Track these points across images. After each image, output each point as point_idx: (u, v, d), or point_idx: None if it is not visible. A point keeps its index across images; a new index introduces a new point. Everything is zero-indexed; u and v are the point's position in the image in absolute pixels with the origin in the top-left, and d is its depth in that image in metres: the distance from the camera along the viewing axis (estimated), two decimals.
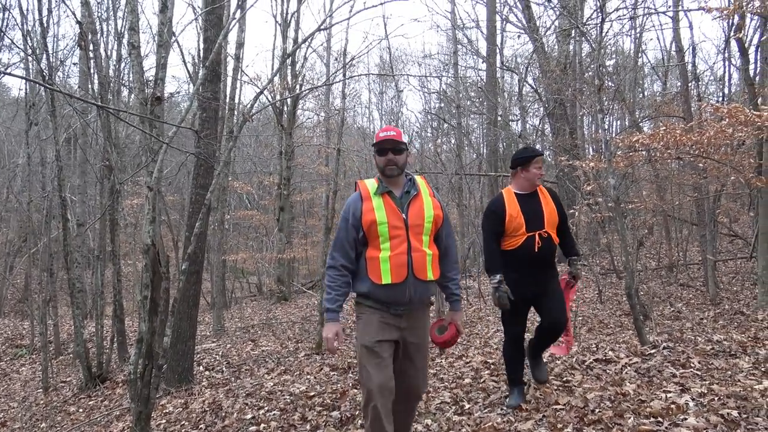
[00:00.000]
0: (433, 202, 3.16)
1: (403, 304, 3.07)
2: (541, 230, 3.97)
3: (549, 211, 4.04)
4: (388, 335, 3.06)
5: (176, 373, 7.11)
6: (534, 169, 4.04)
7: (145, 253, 4.39)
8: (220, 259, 14.87)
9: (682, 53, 12.49)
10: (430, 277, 3.09)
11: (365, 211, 3.07)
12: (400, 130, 3.21)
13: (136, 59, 5.09)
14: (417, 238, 3.04)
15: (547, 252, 4.01)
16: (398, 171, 3.12)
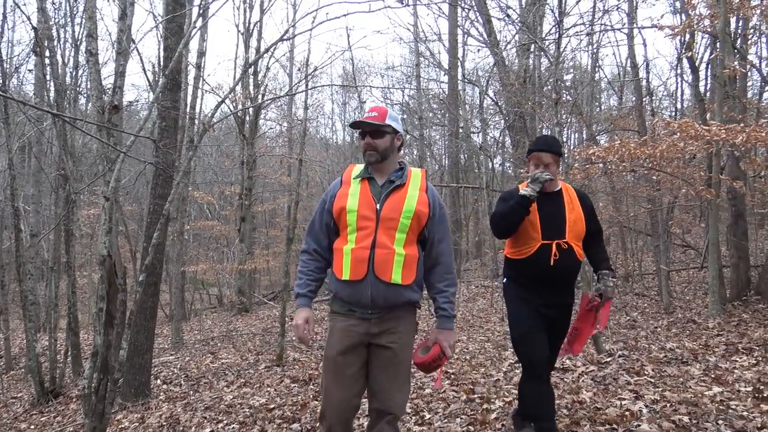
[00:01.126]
0: (420, 197, 2.74)
1: (367, 307, 2.69)
2: (561, 239, 3.24)
3: (573, 218, 3.30)
4: (354, 345, 2.72)
5: (133, 387, 6.96)
6: (532, 166, 3.36)
7: (101, 265, 4.31)
8: (180, 271, 14.63)
9: (636, 69, 12.87)
10: (396, 279, 2.64)
11: (339, 195, 2.79)
12: (387, 109, 2.84)
13: (93, 67, 5.01)
14: (387, 233, 2.65)
15: (565, 269, 3.26)
16: (378, 156, 2.77)
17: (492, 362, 6.37)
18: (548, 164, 3.26)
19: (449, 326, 2.80)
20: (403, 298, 2.71)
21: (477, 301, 12.93)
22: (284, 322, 8.66)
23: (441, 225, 2.80)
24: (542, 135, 4.06)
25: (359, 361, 2.73)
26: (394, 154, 2.83)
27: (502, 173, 22.31)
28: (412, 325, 2.83)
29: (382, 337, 2.72)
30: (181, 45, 5.39)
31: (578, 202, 3.38)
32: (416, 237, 2.73)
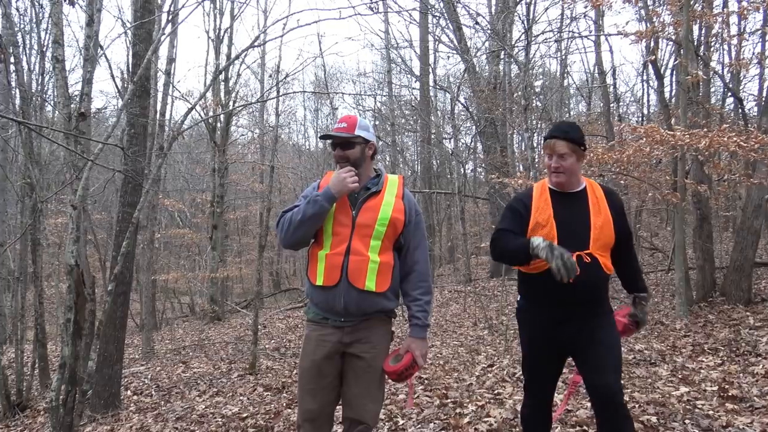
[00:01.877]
0: (396, 204, 2.70)
1: (340, 314, 2.66)
2: (583, 251, 2.65)
3: (601, 223, 2.71)
4: (329, 354, 2.69)
5: (102, 399, 6.84)
6: (546, 157, 2.85)
7: (68, 274, 4.25)
8: (150, 279, 14.43)
9: (604, 75, 13.10)
10: (370, 287, 2.60)
11: None
12: (357, 119, 2.79)
13: (60, 74, 4.94)
14: (362, 240, 2.63)
15: (589, 285, 2.67)
16: None
17: (465, 367, 6.41)
18: (563, 155, 2.73)
19: (422, 335, 2.73)
20: (376, 306, 2.67)
21: (450, 305, 12.99)
22: (257, 330, 8.60)
23: (417, 232, 2.77)
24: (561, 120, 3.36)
25: (334, 371, 2.71)
26: (367, 162, 2.79)
27: (474, 179, 22.51)
28: (386, 335, 2.79)
29: (355, 346, 2.69)
30: (150, 51, 5.35)
31: (605, 202, 2.78)
32: (392, 244, 2.71)
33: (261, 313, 11.01)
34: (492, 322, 9.62)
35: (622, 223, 2.80)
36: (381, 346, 2.74)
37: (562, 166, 2.74)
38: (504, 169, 13.32)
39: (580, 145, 2.77)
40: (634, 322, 2.92)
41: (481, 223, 21.51)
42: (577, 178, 2.81)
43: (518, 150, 16.64)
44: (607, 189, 2.88)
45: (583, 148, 2.79)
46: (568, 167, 2.74)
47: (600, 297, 2.76)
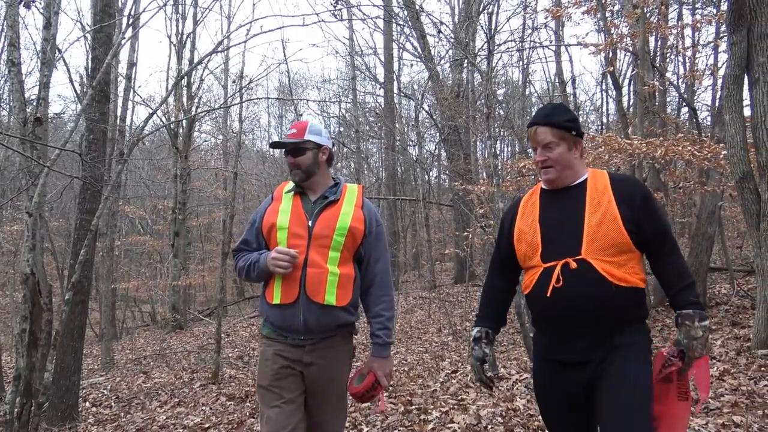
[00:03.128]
0: (354, 213, 2.55)
1: (300, 332, 2.49)
2: (572, 257, 2.09)
3: (598, 219, 2.10)
4: (289, 370, 2.51)
5: (59, 411, 6.66)
6: (532, 143, 2.31)
7: (24, 283, 4.14)
8: (110, 288, 14.14)
9: (564, 84, 13.39)
10: (331, 301, 2.44)
11: (269, 212, 2.61)
12: (307, 123, 2.65)
13: (16, 77, 4.83)
14: (320, 252, 2.47)
15: (572, 300, 2.08)
16: (302, 175, 2.59)
17: (429, 373, 6.45)
18: (548, 144, 2.21)
19: (384, 354, 2.57)
20: (338, 320, 2.51)
21: (415, 312, 13.04)
22: (220, 339, 8.50)
23: (378, 243, 2.61)
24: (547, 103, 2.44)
25: (296, 388, 2.52)
26: (322, 168, 2.65)
27: (438, 185, 22.68)
28: (347, 352, 2.63)
29: (315, 365, 2.52)
30: (110, 55, 5.26)
31: (610, 193, 2.14)
32: (352, 255, 2.56)
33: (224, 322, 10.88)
34: (456, 328, 9.69)
35: (641, 216, 2.10)
36: (342, 363, 2.59)
37: (550, 159, 2.22)
38: (467, 176, 13.46)
39: (569, 130, 2.23)
40: (678, 352, 2.06)
41: (445, 230, 21.66)
42: (573, 171, 2.24)
43: (481, 157, 16.82)
44: (616, 177, 2.25)
45: (575, 133, 2.24)
46: (557, 158, 2.21)
47: (609, 319, 2.06)
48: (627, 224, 2.08)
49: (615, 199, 2.13)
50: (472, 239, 10.62)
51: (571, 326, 2.12)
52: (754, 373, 4.66)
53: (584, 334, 2.10)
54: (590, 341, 2.09)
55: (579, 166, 2.27)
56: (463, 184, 10.72)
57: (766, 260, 5.18)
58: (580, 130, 2.28)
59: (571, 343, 2.12)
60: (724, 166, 6.88)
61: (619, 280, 2.05)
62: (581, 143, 2.28)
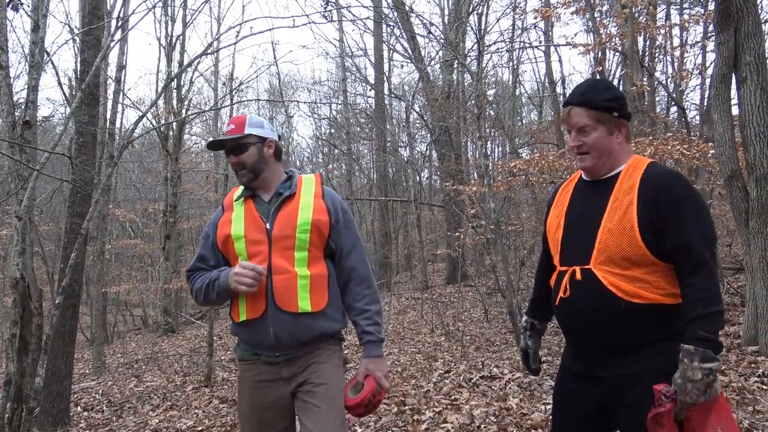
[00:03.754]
0: (315, 204, 2.26)
1: (272, 348, 2.21)
2: (582, 265, 1.89)
3: (612, 226, 1.84)
4: (270, 397, 2.25)
5: (50, 416, 6.62)
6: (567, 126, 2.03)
7: (13, 288, 4.11)
8: (101, 292, 14.07)
9: (554, 85, 13.44)
10: (305, 307, 2.17)
11: (221, 223, 2.34)
12: (246, 117, 2.37)
13: (4, 80, 4.79)
14: (284, 254, 2.20)
15: (576, 314, 1.92)
16: (250, 175, 2.32)
17: (422, 373, 6.45)
18: (583, 127, 1.93)
19: (378, 353, 2.26)
20: (315, 330, 2.21)
21: (408, 313, 13.05)
22: (212, 342, 8.47)
23: (348, 232, 2.31)
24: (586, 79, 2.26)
25: (282, 416, 2.26)
26: (271, 164, 2.36)
27: (430, 186, 22.71)
28: (336, 361, 2.29)
29: (299, 378, 2.23)
30: (99, 58, 5.24)
31: (635, 194, 1.83)
32: (322, 252, 2.27)
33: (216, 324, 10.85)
34: (449, 329, 9.70)
35: (663, 225, 1.78)
36: (332, 375, 2.24)
37: (585, 144, 1.93)
38: (459, 176, 13.49)
39: (609, 110, 1.92)
40: (672, 392, 1.70)
41: (437, 231, 21.67)
42: (613, 159, 1.94)
43: (472, 158, 16.88)
44: (653, 172, 1.87)
45: (617, 114, 1.93)
46: (593, 144, 1.92)
47: (617, 337, 1.84)
48: (645, 234, 1.78)
49: (638, 201, 1.82)
50: (464, 240, 10.64)
51: (579, 339, 1.97)
52: (744, 370, 4.70)
53: (592, 350, 1.92)
54: (599, 358, 1.89)
55: (621, 153, 1.95)
56: (455, 184, 10.74)
57: (755, 258, 5.23)
58: (624, 110, 1.95)
59: (582, 355, 1.97)
60: (713, 164, 6.93)
61: (630, 296, 1.79)
62: (626, 126, 1.97)
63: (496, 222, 6.77)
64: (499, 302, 12.26)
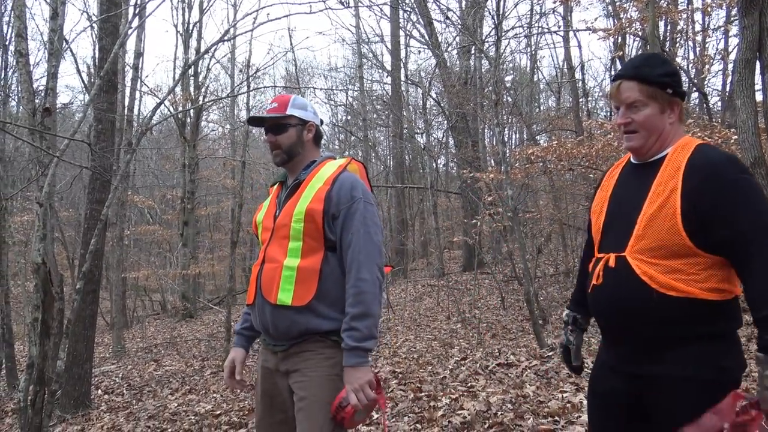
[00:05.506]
0: (316, 193, 2.11)
1: (268, 336, 2.18)
2: (617, 252, 1.75)
3: (653, 212, 1.68)
4: (273, 384, 2.20)
5: (72, 399, 6.74)
6: (615, 102, 1.84)
7: (35, 273, 4.17)
8: (120, 277, 14.24)
9: (572, 70, 13.29)
10: (284, 300, 2.05)
11: (258, 209, 2.39)
12: (290, 96, 2.28)
13: (24, 68, 4.84)
14: (279, 243, 2.13)
15: (611, 305, 1.77)
16: (284, 156, 2.22)
17: (439, 360, 6.46)
18: (633, 103, 1.77)
19: (351, 362, 2.00)
20: (298, 325, 2.06)
21: (424, 300, 13.07)
22: (230, 327, 8.55)
23: (349, 223, 2.09)
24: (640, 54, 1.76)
25: (285, 405, 2.17)
26: (308, 148, 2.27)
27: (446, 173, 22.63)
28: (324, 370, 2.08)
29: (291, 378, 2.13)
30: (117, 45, 5.26)
31: (680, 178, 1.66)
32: (322, 244, 2.11)
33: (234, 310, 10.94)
34: (465, 316, 9.71)
35: (709, 213, 1.60)
36: (318, 377, 2.08)
37: (634, 122, 1.77)
38: (476, 163, 13.42)
39: (663, 87, 1.76)
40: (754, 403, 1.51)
41: (453, 218, 21.64)
42: (663, 140, 1.78)
43: (489, 144, 16.77)
44: (700, 154, 1.69)
45: (671, 91, 1.77)
46: (643, 122, 1.76)
47: (649, 331, 1.69)
48: (687, 222, 1.62)
49: (682, 186, 1.65)
50: (481, 227, 10.60)
51: (608, 330, 1.86)
52: None
53: (622, 342, 1.79)
54: (628, 351, 1.76)
55: (672, 134, 1.79)
56: (472, 171, 10.69)
57: None
58: (678, 88, 1.79)
59: (613, 347, 1.84)
60: (735, 151, 6.82)
61: (665, 288, 1.64)
62: (680, 106, 1.80)
63: (514, 209, 6.73)
64: (515, 290, 12.23)
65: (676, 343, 1.66)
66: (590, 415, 1.97)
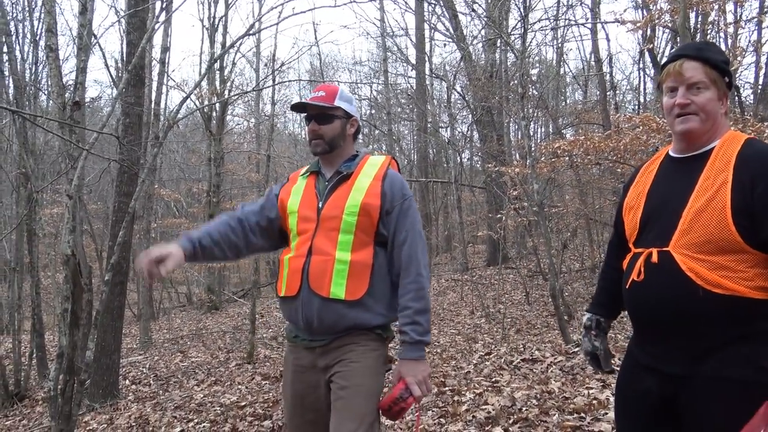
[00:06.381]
0: (370, 187, 2.12)
1: (307, 331, 2.13)
2: (660, 247, 1.67)
3: (701, 206, 1.61)
4: (305, 383, 2.16)
5: (100, 388, 6.86)
6: (666, 97, 1.75)
7: (65, 264, 4.23)
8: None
9: (600, 63, 13.10)
10: (337, 294, 2.04)
11: (283, 190, 2.31)
12: (338, 88, 2.26)
13: (53, 62, 4.91)
14: (327, 236, 2.10)
15: (654, 301, 1.68)
16: (325, 146, 2.20)
17: (462, 355, 6.44)
18: (695, 84, 1.67)
19: (413, 355, 2.05)
20: (347, 320, 2.06)
21: (447, 294, 13.03)
22: (254, 320, 8.62)
23: (404, 221, 2.12)
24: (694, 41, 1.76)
25: (322, 405, 2.13)
26: (348, 142, 2.26)
27: (471, 167, 22.50)
28: (370, 361, 2.09)
29: (331, 372, 2.09)
30: (144, 40, 5.31)
31: (730, 172, 1.60)
32: (372, 238, 2.12)
33: (258, 303, 11.04)
34: (489, 311, 9.65)
35: (762, 208, 1.54)
36: (365, 370, 2.08)
37: (695, 103, 1.67)
38: (501, 157, 13.32)
39: (723, 73, 1.70)
40: None
41: (477, 212, 21.53)
42: (714, 130, 1.70)
43: (515, 138, 16.64)
44: (752, 149, 1.63)
45: (728, 80, 1.71)
46: (704, 105, 1.66)
47: (694, 330, 1.61)
48: (737, 217, 1.55)
49: (733, 180, 1.58)
50: (506, 221, 10.53)
51: (646, 327, 1.76)
52: None
53: (659, 341, 1.70)
54: (666, 350, 1.68)
55: (720, 125, 1.72)
56: (497, 165, 10.62)
57: None
58: (732, 79, 1.74)
59: (649, 345, 1.75)
60: None
61: (712, 285, 1.57)
62: (728, 98, 1.75)
63: (539, 204, 6.67)
64: (540, 285, 12.13)
65: (719, 343, 1.59)
66: (617, 414, 1.89)
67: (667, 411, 1.69)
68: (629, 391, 1.81)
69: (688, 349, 1.63)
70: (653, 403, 1.71)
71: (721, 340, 1.58)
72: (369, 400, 2.05)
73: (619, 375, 1.89)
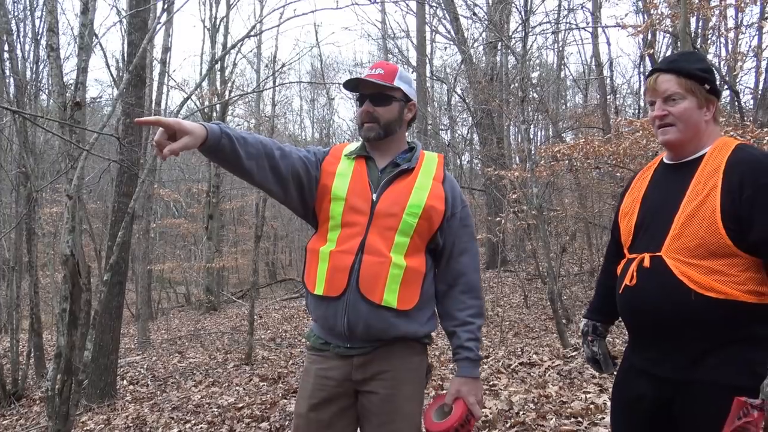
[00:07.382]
0: (433, 189, 1.92)
1: (344, 338, 1.90)
2: (652, 252, 1.70)
3: (691, 211, 1.64)
4: (332, 398, 1.92)
5: (98, 389, 6.85)
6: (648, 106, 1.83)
7: (64, 264, 4.23)
8: (146, 269, 14.43)
9: (600, 67, 13.11)
10: (390, 302, 1.84)
11: (326, 166, 1.98)
12: (397, 67, 2.00)
13: (55, 62, 4.91)
14: (383, 235, 1.87)
15: (643, 305, 1.72)
16: (380, 131, 1.95)
17: None
18: (670, 96, 1.72)
19: (475, 373, 1.92)
20: (395, 330, 1.87)
21: None
22: (253, 321, 8.61)
23: (464, 231, 1.98)
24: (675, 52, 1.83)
25: (341, 421, 1.94)
26: (403, 129, 2.03)
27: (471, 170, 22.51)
28: (416, 369, 1.96)
29: (369, 383, 1.91)
30: (146, 40, 5.32)
31: (720, 177, 1.63)
32: (425, 244, 1.94)
33: (257, 304, 11.04)
34: (487, 314, 9.65)
35: (749, 211, 1.56)
36: (413, 386, 1.94)
37: (671, 114, 1.72)
38: (500, 160, 13.34)
39: (701, 81, 1.72)
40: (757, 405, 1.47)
41: (477, 215, 21.51)
42: (699, 139, 1.73)
43: (515, 142, 16.65)
44: (740, 154, 1.65)
45: (708, 87, 1.73)
46: (681, 114, 1.70)
47: (687, 333, 1.62)
48: (727, 221, 1.57)
49: (722, 184, 1.61)
50: (505, 225, 10.52)
51: (640, 332, 1.79)
52: None
53: (653, 345, 1.72)
54: (659, 355, 1.70)
55: (708, 133, 1.73)
56: (496, 168, 10.62)
57: None
58: (715, 85, 1.74)
59: (642, 349, 1.77)
60: None
61: (704, 288, 1.58)
62: (716, 104, 1.75)
63: (539, 207, 6.67)
64: (539, 288, 12.12)
65: (712, 346, 1.60)
66: (613, 418, 1.91)
67: (662, 415, 1.70)
68: (625, 396, 1.83)
69: (681, 353, 1.64)
70: (648, 407, 1.73)
71: (714, 344, 1.60)
72: (413, 408, 1.93)
73: (615, 381, 1.90)
